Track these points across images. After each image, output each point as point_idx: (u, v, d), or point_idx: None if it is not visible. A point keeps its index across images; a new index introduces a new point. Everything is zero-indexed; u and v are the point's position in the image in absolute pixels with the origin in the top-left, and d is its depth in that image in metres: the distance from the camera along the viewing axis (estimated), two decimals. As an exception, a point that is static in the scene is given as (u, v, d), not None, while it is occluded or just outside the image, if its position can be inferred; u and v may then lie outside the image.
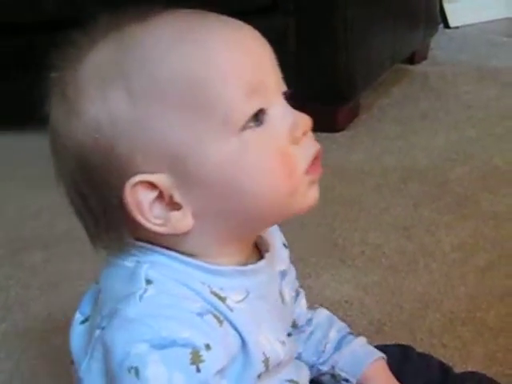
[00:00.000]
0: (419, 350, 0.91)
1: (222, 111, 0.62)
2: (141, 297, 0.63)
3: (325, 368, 0.84)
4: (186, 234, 0.64)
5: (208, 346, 0.62)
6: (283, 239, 0.78)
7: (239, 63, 0.64)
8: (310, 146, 0.66)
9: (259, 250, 0.71)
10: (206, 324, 0.63)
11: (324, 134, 1.87)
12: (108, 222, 0.66)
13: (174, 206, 0.64)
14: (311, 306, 0.87)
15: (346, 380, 0.84)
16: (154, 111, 0.62)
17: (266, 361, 0.69)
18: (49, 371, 1.10)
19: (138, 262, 0.66)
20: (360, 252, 1.32)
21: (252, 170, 0.63)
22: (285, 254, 0.78)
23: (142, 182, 0.62)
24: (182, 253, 0.66)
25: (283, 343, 0.72)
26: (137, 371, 0.61)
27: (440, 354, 0.94)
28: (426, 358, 0.90)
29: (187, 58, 0.63)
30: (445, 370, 0.89)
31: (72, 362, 0.70)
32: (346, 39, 1.84)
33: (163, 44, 0.63)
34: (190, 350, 0.61)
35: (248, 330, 0.67)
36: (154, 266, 0.65)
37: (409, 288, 1.23)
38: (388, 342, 0.92)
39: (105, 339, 0.63)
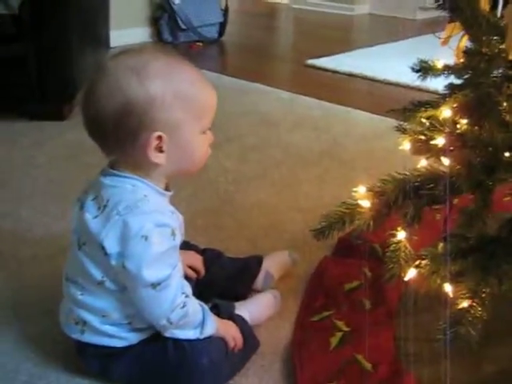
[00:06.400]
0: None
1: (203, 123, 0.97)
2: (148, 201, 0.94)
3: None
4: (157, 165, 0.95)
5: (175, 228, 0.95)
6: None
7: (214, 105, 0.99)
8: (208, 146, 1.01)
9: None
10: (175, 217, 0.98)
11: (55, 122, 2.23)
12: (128, 148, 0.93)
13: (161, 150, 0.94)
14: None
15: None
16: (179, 108, 0.93)
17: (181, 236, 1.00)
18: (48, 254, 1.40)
19: (133, 185, 0.95)
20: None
21: (197, 150, 0.98)
22: None
23: (158, 136, 0.92)
24: (149, 181, 0.97)
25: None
26: (146, 237, 0.91)
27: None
28: (216, 252, 1.30)
29: (203, 93, 0.96)
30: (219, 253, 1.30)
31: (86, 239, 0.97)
32: (71, 60, 2.26)
33: (195, 81, 0.95)
34: (170, 229, 0.94)
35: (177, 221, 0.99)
36: (144, 187, 0.96)
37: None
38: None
39: (126, 219, 0.91)
